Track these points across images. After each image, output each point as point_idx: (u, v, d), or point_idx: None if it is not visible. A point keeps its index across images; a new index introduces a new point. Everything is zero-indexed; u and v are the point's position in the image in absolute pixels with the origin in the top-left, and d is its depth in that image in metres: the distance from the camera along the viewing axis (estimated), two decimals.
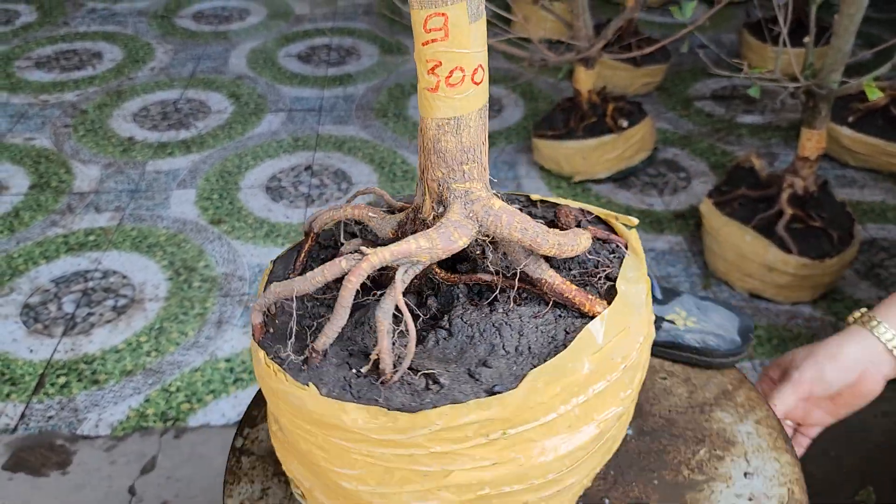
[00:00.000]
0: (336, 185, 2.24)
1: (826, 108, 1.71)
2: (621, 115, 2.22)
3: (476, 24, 0.49)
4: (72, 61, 2.95)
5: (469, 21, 0.49)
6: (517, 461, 0.49)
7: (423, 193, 0.57)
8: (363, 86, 2.81)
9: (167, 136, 2.48)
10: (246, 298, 1.82)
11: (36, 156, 2.36)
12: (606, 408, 0.52)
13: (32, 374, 1.62)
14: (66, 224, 2.07)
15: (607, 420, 0.53)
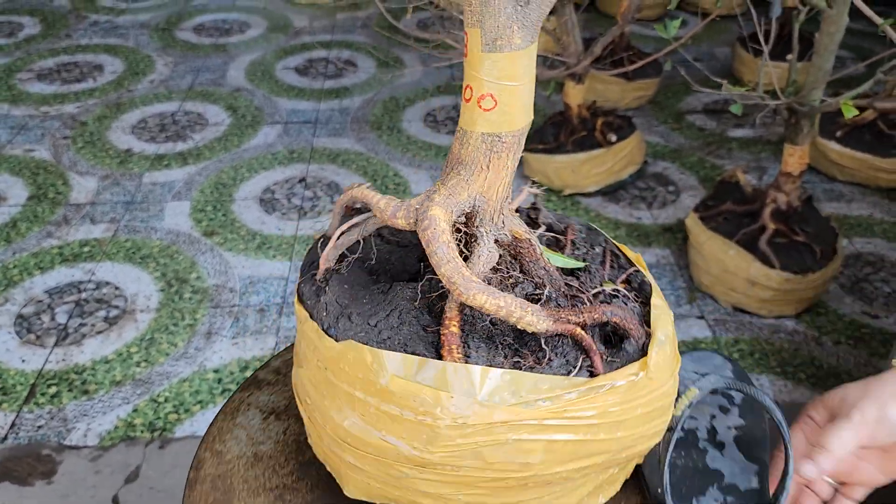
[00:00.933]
0: (329, 197, 2.27)
1: (808, 125, 1.73)
2: (610, 129, 2.24)
3: (491, 55, 0.52)
4: (73, 73, 3.00)
5: (481, 49, 0.52)
6: None
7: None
8: (359, 98, 2.85)
9: (164, 148, 2.51)
10: (236, 310, 1.85)
11: (35, 167, 2.40)
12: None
13: (24, 383, 1.65)
14: (61, 235, 2.10)
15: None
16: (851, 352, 1.75)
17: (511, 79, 0.53)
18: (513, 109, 0.54)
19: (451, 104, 2.80)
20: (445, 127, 2.65)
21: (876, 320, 1.84)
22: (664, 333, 0.56)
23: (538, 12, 0.52)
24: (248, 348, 1.74)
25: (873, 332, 1.80)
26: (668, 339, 0.56)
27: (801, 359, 1.73)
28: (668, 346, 0.56)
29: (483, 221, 0.59)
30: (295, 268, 1.99)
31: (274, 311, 1.85)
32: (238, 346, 1.75)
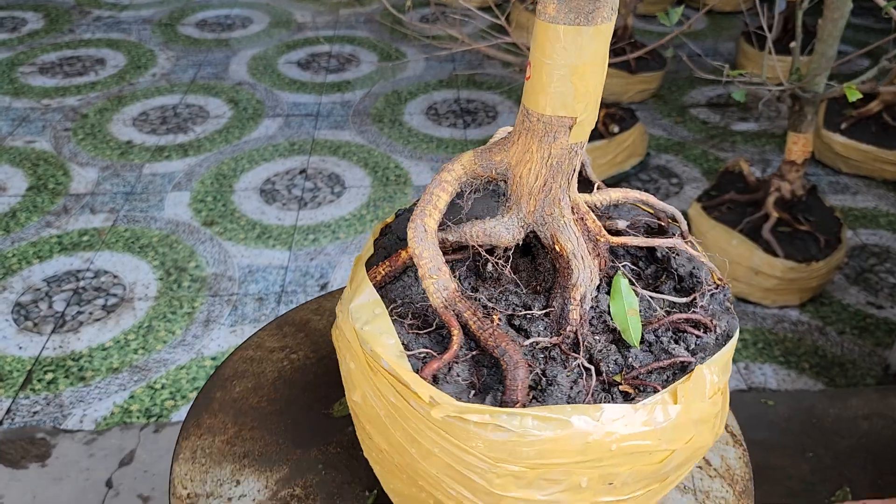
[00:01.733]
0: (329, 188, 2.26)
1: (812, 113, 1.71)
2: (612, 120, 2.23)
3: (537, 22, 0.50)
4: (75, 67, 2.99)
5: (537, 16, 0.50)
6: None
7: None
8: (360, 92, 2.84)
9: (165, 139, 2.50)
10: (235, 298, 1.84)
11: (35, 158, 2.39)
12: None
13: (20, 370, 1.64)
14: (60, 225, 2.09)
15: None
16: (856, 342, 1.73)
17: (543, 53, 0.50)
18: (538, 86, 0.51)
19: (453, 98, 2.78)
20: (447, 120, 2.63)
21: (880, 311, 1.81)
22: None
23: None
24: (246, 336, 1.73)
25: (877, 322, 1.78)
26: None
27: (804, 348, 1.71)
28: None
29: (511, 199, 0.57)
30: (294, 257, 1.98)
31: (273, 300, 1.83)
32: (236, 333, 1.74)
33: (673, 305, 0.57)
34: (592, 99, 0.50)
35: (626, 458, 0.48)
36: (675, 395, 0.49)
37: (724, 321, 0.56)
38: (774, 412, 1.44)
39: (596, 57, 0.49)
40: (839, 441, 1.38)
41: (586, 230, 0.55)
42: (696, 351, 0.54)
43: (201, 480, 0.66)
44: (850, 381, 1.63)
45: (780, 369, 1.66)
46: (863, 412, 1.45)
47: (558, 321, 0.55)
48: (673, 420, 0.48)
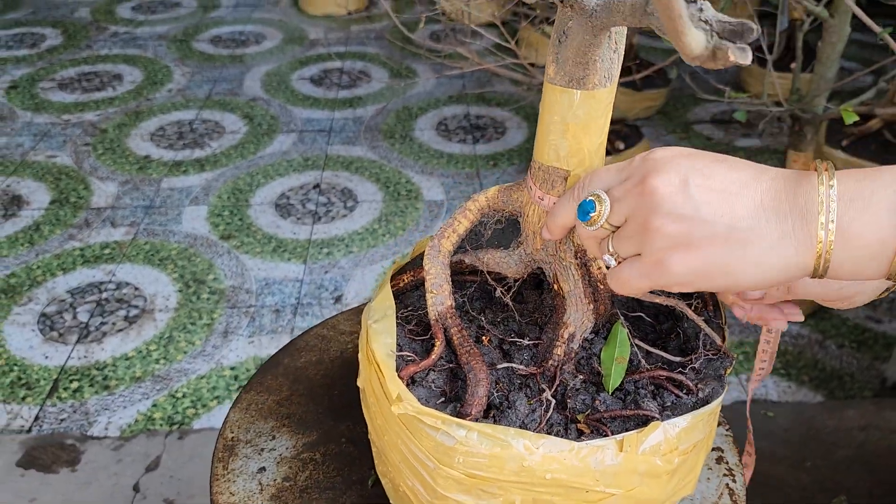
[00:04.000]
0: (342, 202, 2.32)
1: (811, 132, 1.77)
2: (618, 137, 2.29)
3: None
4: (93, 83, 3.07)
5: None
6: None
7: None
8: (372, 108, 2.91)
9: (182, 154, 2.58)
10: (252, 310, 1.90)
11: (57, 173, 2.47)
12: None
13: (47, 378, 1.70)
14: (83, 238, 2.16)
15: None
16: (854, 355, 1.78)
17: (545, 108, 0.54)
18: (540, 137, 0.56)
19: (462, 113, 2.85)
20: (457, 136, 2.70)
21: (879, 325, 1.87)
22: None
23: (572, 50, 0.51)
24: (264, 347, 1.79)
25: (876, 336, 1.83)
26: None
27: (804, 361, 1.77)
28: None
29: (522, 236, 0.60)
30: (309, 270, 2.04)
31: (289, 312, 1.90)
32: (254, 344, 1.80)
33: (667, 362, 0.59)
34: (586, 156, 0.54)
35: (560, 489, 0.52)
36: (622, 443, 0.52)
37: (710, 387, 0.57)
38: (775, 423, 1.50)
39: (589, 118, 0.53)
40: (837, 451, 1.43)
41: (588, 275, 0.58)
42: (669, 409, 0.56)
43: (245, 429, 0.73)
44: (848, 393, 1.68)
45: (780, 381, 1.71)
46: (859, 423, 1.50)
47: (543, 354, 0.59)
48: (613, 466, 0.51)
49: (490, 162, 2.54)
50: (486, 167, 2.51)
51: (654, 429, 0.52)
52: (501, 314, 0.64)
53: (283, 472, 0.69)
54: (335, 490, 0.67)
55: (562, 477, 0.51)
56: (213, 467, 0.69)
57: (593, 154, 0.54)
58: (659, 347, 0.61)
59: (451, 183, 2.43)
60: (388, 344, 0.58)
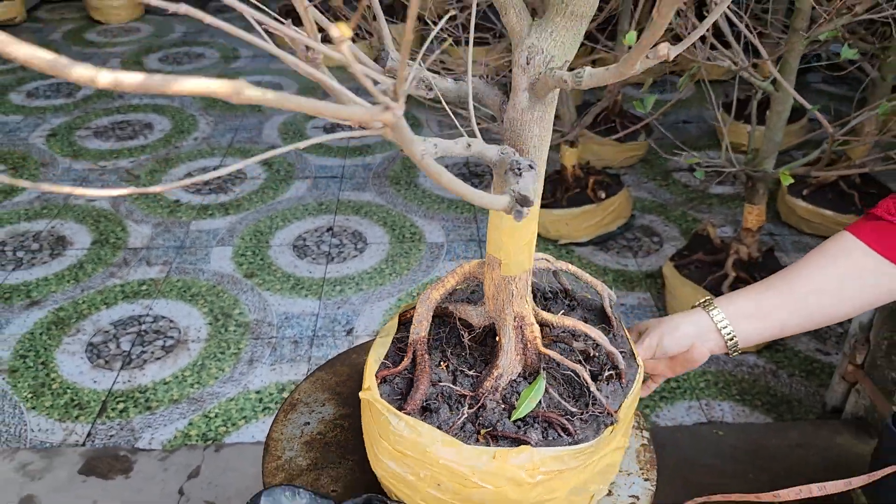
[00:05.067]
0: (353, 244, 2.59)
1: (763, 188, 2.03)
2: (600, 187, 2.56)
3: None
4: (126, 131, 3.37)
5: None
6: None
7: None
8: (380, 156, 3.19)
9: (208, 199, 2.85)
10: (274, 341, 2.16)
11: (96, 216, 2.74)
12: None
13: (96, 400, 1.96)
14: (122, 275, 2.43)
15: None
16: (803, 383, 2.03)
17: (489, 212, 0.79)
18: (489, 228, 0.78)
19: (462, 161, 3.13)
20: None
21: (826, 356, 2.11)
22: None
23: (497, 184, 0.74)
24: (285, 373, 2.04)
25: (823, 366, 2.08)
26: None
27: (758, 388, 2.01)
28: None
29: (485, 297, 0.87)
30: (324, 305, 2.30)
31: (306, 343, 2.15)
32: (276, 371, 2.05)
33: (567, 411, 0.80)
34: (512, 255, 0.76)
35: (450, 474, 0.74)
36: (496, 454, 0.73)
37: (585, 435, 0.77)
38: (724, 441, 1.74)
39: (514, 227, 0.74)
40: (776, 466, 1.67)
41: (522, 336, 0.80)
42: (547, 442, 0.77)
43: (307, 394, 0.99)
44: (795, 416, 1.92)
45: (736, 406, 1.95)
46: (797, 442, 1.74)
47: (479, 384, 0.82)
48: (487, 468, 0.73)
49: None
50: (483, 212, 2.78)
51: (522, 451, 0.74)
52: (462, 350, 0.89)
53: (319, 429, 0.94)
54: (346, 448, 0.92)
55: (451, 465, 0.74)
56: (277, 414, 0.95)
57: (520, 251, 0.78)
58: (574, 398, 0.83)
59: (451, 226, 2.70)
60: (380, 354, 0.83)
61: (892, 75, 2.40)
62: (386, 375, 0.82)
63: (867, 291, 0.96)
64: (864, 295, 0.96)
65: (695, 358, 0.97)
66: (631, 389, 0.83)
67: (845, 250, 0.95)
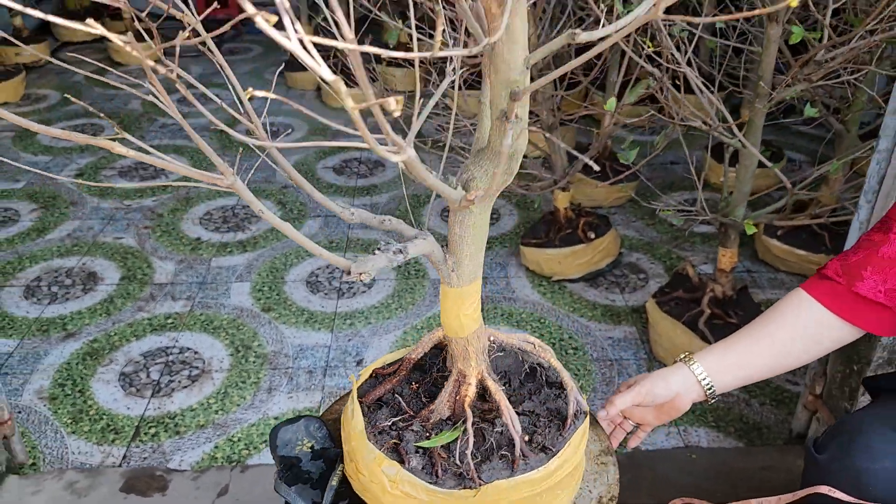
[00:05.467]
0: (362, 281, 2.79)
1: (735, 233, 2.25)
2: (590, 228, 2.77)
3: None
4: (148, 171, 3.59)
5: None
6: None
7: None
8: (386, 195, 3.41)
9: (227, 237, 3.07)
10: (290, 371, 2.36)
11: (124, 253, 2.96)
12: None
13: (130, 426, 2.16)
14: (149, 309, 2.64)
15: None
16: (773, 411, 2.22)
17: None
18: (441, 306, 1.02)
19: None
20: None
21: (796, 386, 2.31)
22: None
23: (443, 268, 1.01)
24: (301, 401, 2.24)
25: (792, 395, 2.27)
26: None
27: (732, 416, 2.21)
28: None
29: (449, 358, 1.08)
30: (335, 338, 2.50)
31: (319, 373, 2.35)
32: (293, 399, 2.25)
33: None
34: (449, 321, 0.95)
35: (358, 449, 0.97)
36: (377, 457, 0.94)
37: (446, 482, 0.93)
38: (697, 464, 1.94)
39: (448, 304, 0.94)
40: (742, 486, 1.87)
41: (457, 390, 0.98)
42: (418, 473, 0.94)
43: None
44: (765, 441, 2.12)
45: (711, 432, 2.15)
46: (764, 465, 1.94)
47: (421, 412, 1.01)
48: (370, 465, 0.95)
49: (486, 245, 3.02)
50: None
51: (392, 465, 0.92)
52: (430, 387, 1.08)
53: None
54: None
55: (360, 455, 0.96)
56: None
57: (468, 317, 0.97)
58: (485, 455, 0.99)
59: None
60: (373, 370, 1.06)
61: (855, 128, 2.63)
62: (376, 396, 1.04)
63: (820, 342, 1.16)
64: (818, 346, 1.16)
65: (679, 406, 1.16)
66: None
67: (801, 308, 1.15)
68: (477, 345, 0.99)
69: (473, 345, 0.98)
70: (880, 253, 1.08)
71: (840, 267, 1.13)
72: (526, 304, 2.69)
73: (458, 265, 0.93)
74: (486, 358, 1.01)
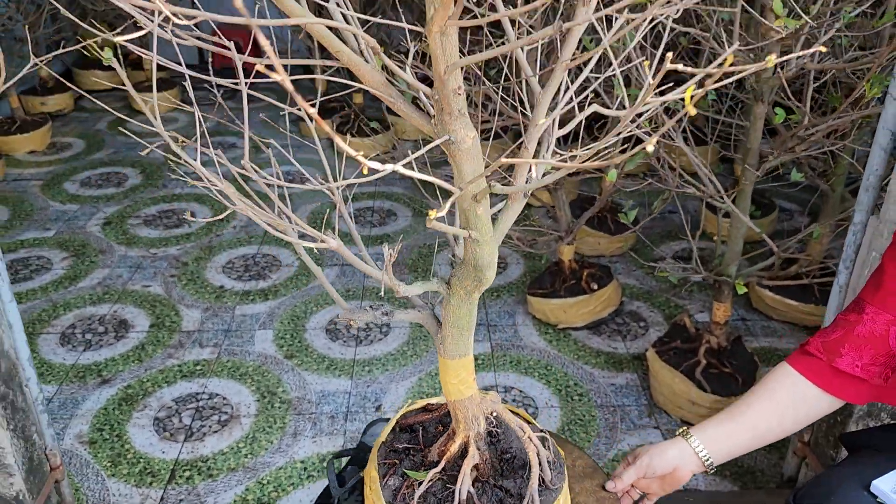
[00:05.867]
0: (378, 329, 2.97)
1: (728, 289, 2.42)
2: (593, 279, 2.95)
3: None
4: (171, 220, 3.78)
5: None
6: None
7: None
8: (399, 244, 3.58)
9: (249, 285, 3.24)
10: (313, 416, 2.52)
11: (152, 300, 3.13)
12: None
13: (166, 469, 2.31)
14: (179, 357, 2.80)
15: None
16: (766, 457, 2.38)
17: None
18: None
19: None
20: None
21: None
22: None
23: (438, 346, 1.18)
24: (324, 445, 2.40)
25: (784, 442, 2.43)
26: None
27: (729, 461, 2.36)
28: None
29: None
30: (355, 384, 2.66)
31: (341, 418, 2.51)
32: (316, 443, 2.41)
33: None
34: (454, 386, 1.10)
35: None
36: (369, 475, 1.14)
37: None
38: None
39: (443, 371, 1.12)
40: None
41: (445, 443, 1.13)
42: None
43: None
44: (758, 485, 2.27)
45: (708, 476, 2.30)
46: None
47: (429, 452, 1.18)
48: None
49: (494, 294, 3.20)
50: (490, 298, 3.17)
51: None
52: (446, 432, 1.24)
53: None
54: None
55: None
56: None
57: (460, 383, 1.14)
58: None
59: None
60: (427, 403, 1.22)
61: (840, 187, 2.82)
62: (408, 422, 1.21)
63: (806, 413, 1.30)
64: (803, 416, 1.31)
65: (680, 478, 1.29)
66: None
67: (788, 382, 1.29)
68: (466, 412, 1.12)
69: (462, 411, 1.12)
70: (856, 332, 1.24)
71: (821, 344, 1.29)
72: (533, 351, 2.85)
73: (444, 340, 1.10)
74: (478, 424, 1.14)
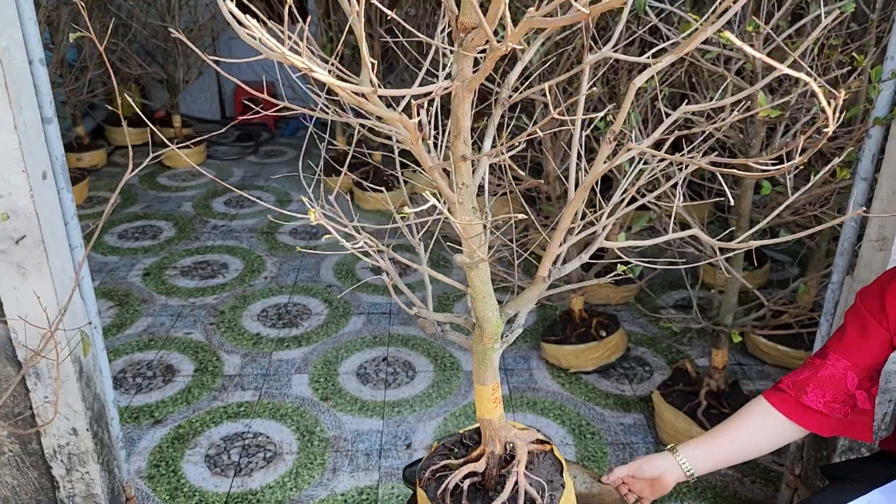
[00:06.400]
0: (405, 373, 3.23)
1: (725, 338, 2.69)
2: (602, 327, 3.22)
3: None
4: (206, 271, 4.06)
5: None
6: None
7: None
8: (419, 295, 3.86)
9: (283, 332, 3.51)
10: (350, 453, 2.77)
11: (194, 347, 3.39)
12: None
13: (220, 501, 2.55)
14: (223, 399, 3.06)
15: None
16: (763, 489, 2.63)
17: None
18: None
19: None
20: None
21: (781, 466, 2.72)
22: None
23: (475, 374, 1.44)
24: (361, 480, 2.64)
25: (778, 475, 2.68)
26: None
27: (728, 492, 2.61)
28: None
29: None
30: (386, 424, 2.92)
31: (375, 455, 2.76)
32: (354, 478, 2.65)
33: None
34: (485, 408, 1.36)
35: None
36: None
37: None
38: None
39: (483, 396, 1.42)
40: None
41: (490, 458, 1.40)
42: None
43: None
44: None
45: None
46: None
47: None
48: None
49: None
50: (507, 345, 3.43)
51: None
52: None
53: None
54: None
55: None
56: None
57: (490, 406, 1.41)
58: None
59: None
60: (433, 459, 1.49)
61: (825, 244, 3.11)
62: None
63: (777, 438, 1.59)
64: (775, 441, 1.60)
65: (665, 484, 1.55)
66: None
67: (761, 412, 1.58)
68: (485, 431, 1.37)
69: (485, 429, 1.37)
70: (820, 374, 1.52)
71: (791, 383, 1.57)
72: (547, 393, 3.11)
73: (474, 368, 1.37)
74: (494, 445, 1.37)
